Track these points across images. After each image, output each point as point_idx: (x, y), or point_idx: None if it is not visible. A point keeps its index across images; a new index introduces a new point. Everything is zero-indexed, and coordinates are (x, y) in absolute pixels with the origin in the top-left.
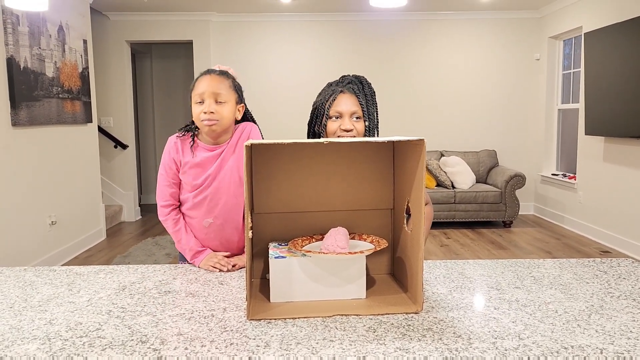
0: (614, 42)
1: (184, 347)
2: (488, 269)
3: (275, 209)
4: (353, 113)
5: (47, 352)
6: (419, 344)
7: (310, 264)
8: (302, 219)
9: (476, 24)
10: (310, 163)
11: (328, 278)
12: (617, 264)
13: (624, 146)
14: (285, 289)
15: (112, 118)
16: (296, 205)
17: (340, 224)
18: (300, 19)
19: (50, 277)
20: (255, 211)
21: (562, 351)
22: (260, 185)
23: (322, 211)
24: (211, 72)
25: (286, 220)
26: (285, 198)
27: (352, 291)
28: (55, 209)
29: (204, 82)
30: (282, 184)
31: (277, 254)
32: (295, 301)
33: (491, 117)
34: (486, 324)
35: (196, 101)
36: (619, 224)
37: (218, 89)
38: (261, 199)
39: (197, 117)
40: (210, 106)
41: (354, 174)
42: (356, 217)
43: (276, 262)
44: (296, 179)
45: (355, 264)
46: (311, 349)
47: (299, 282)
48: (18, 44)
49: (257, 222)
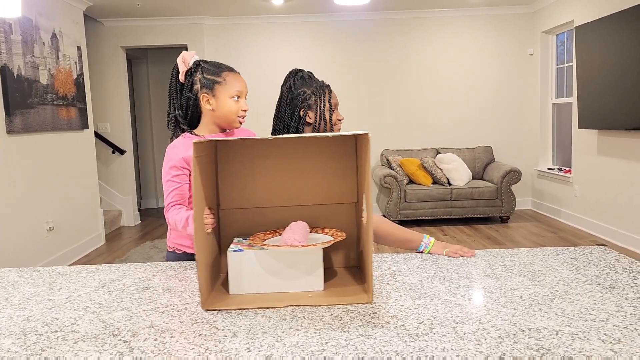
0: (604, 35)
1: (154, 338)
2: (462, 259)
3: (242, 205)
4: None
5: (21, 346)
6: (382, 331)
7: (267, 257)
8: (269, 214)
9: (469, 21)
10: (277, 159)
11: (285, 271)
12: (589, 252)
13: (618, 139)
14: (243, 282)
15: (109, 124)
16: (263, 201)
17: (306, 219)
18: (292, 20)
19: (33, 277)
20: (222, 207)
21: (519, 333)
22: (227, 182)
23: (289, 206)
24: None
25: (253, 216)
26: (252, 194)
27: (309, 283)
28: (52, 214)
29: (241, 81)
30: (249, 180)
31: (237, 247)
32: (253, 293)
33: (486, 113)
34: (450, 310)
35: (233, 96)
36: (614, 216)
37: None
38: (228, 195)
39: (234, 111)
40: (246, 104)
41: (319, 169)
42: (322, 212)
43: (234, 255)
44: (262, 174)
45: (312, 257)
46: (276, 337)
47: (257, 275)
48: (11, 52)
49: (224, 218)
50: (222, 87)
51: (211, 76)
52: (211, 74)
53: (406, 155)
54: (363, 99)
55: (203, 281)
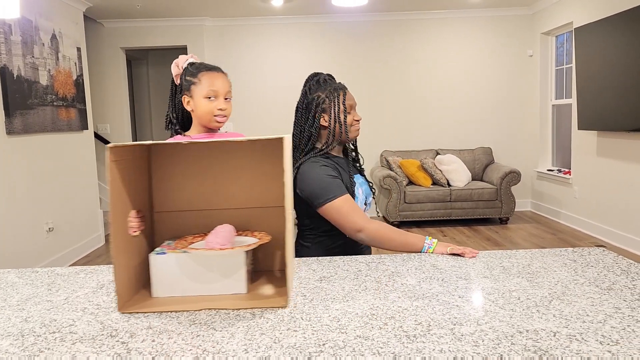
0: (604, 37)
1: (152, 339)
2: (460, 261)
3: (175, 208)
4: (355, 105)
5: (19, 347)
6: (380, 332)
7: (189, 260)
8: (202, 217)
9: (469, 22)
10: (210, 162)
11: (206, 274)
12: (587, 253)
13: (617, 140)
14: (166, 284)
15: (109, 125)
16: (196, 204)
17: (238, 221)
18: (292, 21)
19: (31, 278)
20: (156, 209)
21: (517, 335)
22: (160, 185)
23: (221, 209)
24: (217, 70)
25: (186, 219)
26: (185, 197)
27: (231, 286)
28: (52, 215)
29: (218, 79)
30: (182, 184)
31: (161, 250)
32: (175, 296)
33: (486, 115)
34: (448, 311)
35: (206, 96)
36: (614, 217)
37: (228, 87)
38: (161, 197)
39: (209, 111)
40: (224, 103)
41: (251, 172)
42: (253, 215)
43: (155, 258)
44: (195, 178)
45: (233, 260)
46: (274, 339)
47: (179, 278)
48: (11, 53)
49: (158, 220)
50: (197, 88)
51: (189, 77)
52: (190, 75)
53: (406, 156)
54: (363, 100)
55: (119, 284)
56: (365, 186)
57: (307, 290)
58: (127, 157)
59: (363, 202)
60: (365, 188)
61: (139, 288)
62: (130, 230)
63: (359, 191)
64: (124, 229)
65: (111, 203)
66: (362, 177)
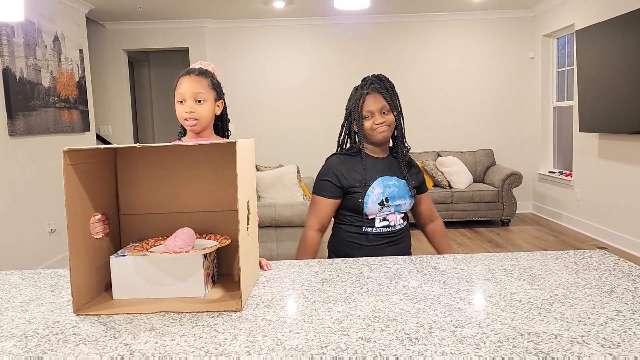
0: (605, 39)
1: (155, 341)
2: (461, 263)
3: (141, 211)
4: (381, 108)
5: (22, 348)
6: (382, 334)
7: (147, 263)
8: (167, 220)
9: (470, 24)
10: (174, 166)
11: (164, 277)
12: (589, 255)
13: (618, 142)
14: (125, 287)
15: (110, 126)
16: (160, 207)
17: (201, 225)
18: (293, 23)
19: (34, 280)
20: (122, 212)
21: (518, 337)
22: (126, 188)
23: (185, 212)
24: (191, 73)
25: (151, 221)
26: (150, 200)
27: (190, 289)
28: (54, 217)
29: (184, 82)
30: (147, 187)
31: (121, 253)
32: (136, 298)
33: (487, 117)
34: (449, 313)
35: (177, 100)
36: (615, 220)
37: (198, 88)
38: (127, 200)
39: (179, 116)
40: (191, 106)
41: (214, 176)
42: (215, 218)
43: (115, 260)
44: (160, 182)
45: (191, 263)
46: (276, 341)
47: (137, 281)
48: (13, 55)
49: (124, 223)
50: (175, 94)
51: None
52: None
53: None
54: None
55: (74, 287)
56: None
57: (309, 292)
58: (88, 160)
59: (377, 202)
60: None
61: (101, 290)
62: (94, 233)
63: (375, 191)
64: (83, 231)
65: (67, 207)
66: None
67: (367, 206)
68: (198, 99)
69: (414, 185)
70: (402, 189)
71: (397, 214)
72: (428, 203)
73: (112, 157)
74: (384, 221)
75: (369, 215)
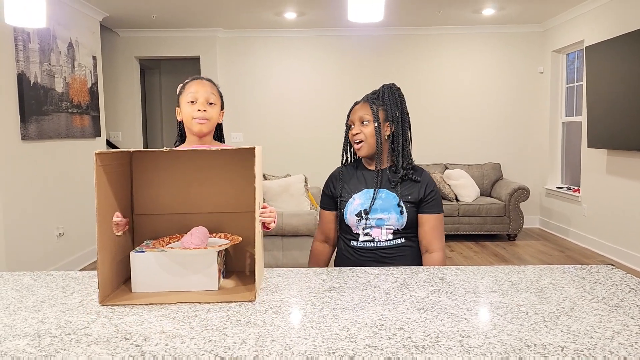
0: (615, 55)
1: (165, 343)
2: (468, 275)
3: (154, 211)
4: (360, 119)
5: (35, 347)
6: (389, 342)
7: (165, 258)
8: (178, 220)
9: (480, 38)
10: (187, 170)
11: (181, 271)
12: (596, 270)
13: (627, 159)
14: (144, 281)
15: (121, 132)
16: (173, 208)
17: (212, 224)
18: (304, 34)
19: (46, 281)
20: (136, 212)
21: (525, 349)
22: (141, 190)
23: (196, 213)
24: (201, 78)
25: (164, 221)
26: (163, 201)
27: (204, 283)
28: (63, 220)
29: (196, 84)
30: (161, 189)
31: (140, 249)
32: (153, 291)
33: (495, 131)
34: (456, 324)
35: (188, 101)
36: (623, 236)
37: (210, 91)
38: (141, 201)
39: (188, 115)
40: (204, 105)
41: (226, 179)
42: (226, 219)
43: (135, 256)
44: (173, 184)
45: (205, 258)
46: (285, 346)
47: (156, 274)
48: (28, 60)
49: (138, 222)
50: (182, 96)
51: (179, 91)
52: (180, 89)
53: None
54: None
55: (102, 279)
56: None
57: (317, 300)
58: (112, 162)
59: (354, 212)
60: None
61: (119, 284)
62: (115, 230)
63: (355, 202)
64: (108, 229)
65: (98, 205)
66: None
67: (346, 217)
68: (210, 100)
69: (410, 200)
70: (388, 203)
71: (382, 228)
72: (429, 229)
73: (128, 161)
74: (366, 235)
75: (351, 226)
